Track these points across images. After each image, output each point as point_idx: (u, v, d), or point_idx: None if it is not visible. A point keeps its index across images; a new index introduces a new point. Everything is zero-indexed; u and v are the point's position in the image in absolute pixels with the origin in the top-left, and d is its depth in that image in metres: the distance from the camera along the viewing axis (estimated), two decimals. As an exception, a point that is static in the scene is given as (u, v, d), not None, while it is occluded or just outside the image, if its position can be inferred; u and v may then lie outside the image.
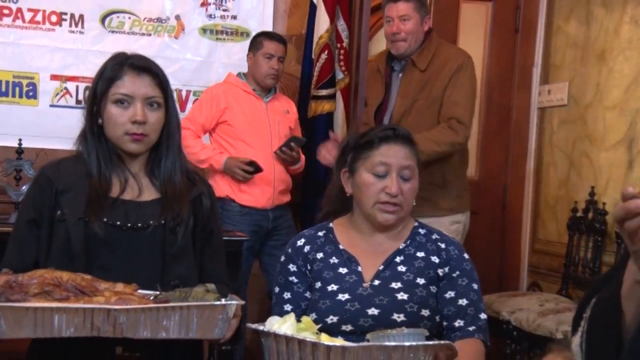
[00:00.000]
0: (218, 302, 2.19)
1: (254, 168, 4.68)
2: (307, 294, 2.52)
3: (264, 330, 2.15)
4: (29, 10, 5.17)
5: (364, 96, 4.34)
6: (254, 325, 2.21)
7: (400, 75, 4.12)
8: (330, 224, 2.62)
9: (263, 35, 5.07)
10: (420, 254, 2.50)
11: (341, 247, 2.54)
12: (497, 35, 5.89)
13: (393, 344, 2.06)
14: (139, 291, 2.21)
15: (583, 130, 5.21)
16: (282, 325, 2.16)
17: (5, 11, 5.15)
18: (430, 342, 2.11)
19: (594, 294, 1.64)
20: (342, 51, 5.35)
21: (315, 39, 5.36)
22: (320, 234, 2.60)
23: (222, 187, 4.78)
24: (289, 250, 2.61)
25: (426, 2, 4.23)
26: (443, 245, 2.53)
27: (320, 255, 2.54)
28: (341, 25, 5.33)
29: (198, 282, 2.36)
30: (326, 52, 5.26)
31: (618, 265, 1.59)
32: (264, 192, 4.85)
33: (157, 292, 2.24)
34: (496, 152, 5.89)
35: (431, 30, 4.26)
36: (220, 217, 2.68)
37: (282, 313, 2.39)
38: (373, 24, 7.57)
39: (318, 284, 2.49)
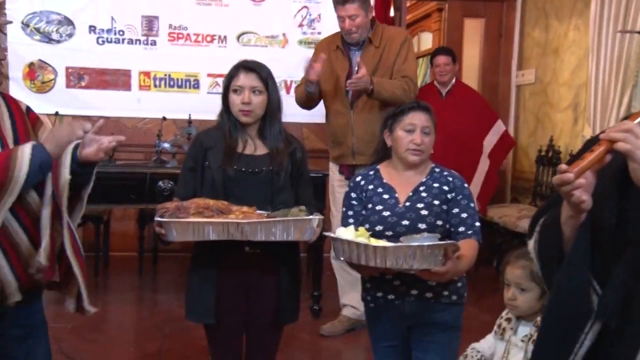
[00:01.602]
0: (307, 217, 2.19)
1: None
2: (363, 212, 2.40)
3: (333, 236, 2.13)
4: (194, 34, 5.15)
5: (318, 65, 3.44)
6: (327, 233, 2.21)
7: (359, 52, 3.48)
8: (378, 166, 2.50)
9: None
10: (435, 185, 2.38)
11: (384, 181, 2.43)
12: (488, 39, 5.67)
13: (416, 243, 2.01)
14: (257, 211, 2.22)
15: (545, 99, 5.12)
16: (345, 233, 2.14)
17: (181, 35, 5.14)
18: (442, 242, 2.07)
19: (542, 214, 1.57)
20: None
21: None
22: (371, 173, 2.47)
23: None
24: (351, 184, 2.49)
25: None
26: (450, 179, 2.39)
27: (371, 187, 2.43)
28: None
29: (295, 204, 2.35)
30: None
31: (559, 195, 1.45)
32: None
33: (268, 212, 2.25)
34: (489, 115, 5.55)
35: (374, 17, 3.64)
36: (307, 163, 2.57)
37: (347, 224, 2.33)
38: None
39: (369, 205, 2.39)
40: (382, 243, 2.04)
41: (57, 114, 4.25)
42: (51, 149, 1.88)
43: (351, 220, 2.35)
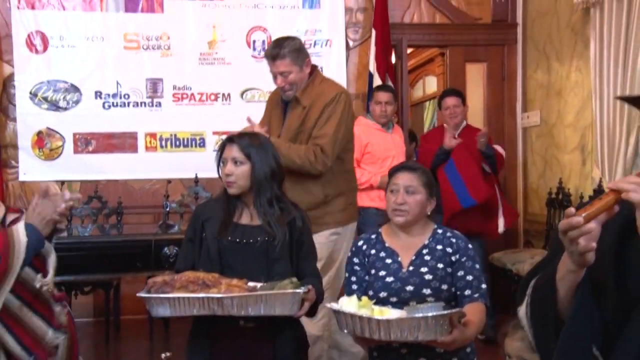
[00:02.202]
0: (288, 291, 2.14)
1: None
2: (366, 277, 2.35)
3: (335, 309, 2.08)
4: (198, 93, 5.19)
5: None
6: (328, 305, 2.15)
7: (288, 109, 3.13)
8: (380, 229, 2.46)
9: (376, 88, 4.69)
10: (439, 247, 2.32)
11: (387, 244, 2.38)
12: (491, 82, 5.64)
13: (420, 315, 1.97)
14: (250, 283, 2.18)
15: (551, 141, 5.08)
16: (348, 303, 2.08)
17: (185, 95, 5.17)
18: (446, 311, 2.02)
19: (533, 276, 1.50)
20: (391, 101, 5.10)
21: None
22: (373, 236, 2.43)
23: (364, 199, 4.16)
24: (353, 248, 2.44)
25: (302, 47, 3.13)
26: (454, 240, 2.34)
27: (373, 251, 2.39)
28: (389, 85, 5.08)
29: (294, 275, 2.29)
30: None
31: (550, 256, 1.45)
32: None
33: (261, 284, 2.20)
34: (496, 157, 5.46)
35: (315, 67, 3.18)
36: (311, 232, 2.49)
37: (350, 291, 2.31)
38: (411, 81, 7.38)
39: (372, 271, 2.34)
40: (387, 314, 2.01)
41: (63, 183, 4.27)
42: (40, 227, 1.92)
43: (355, 287, 2.33)
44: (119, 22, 5.11)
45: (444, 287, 2.24)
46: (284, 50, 3.02)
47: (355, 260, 2.39)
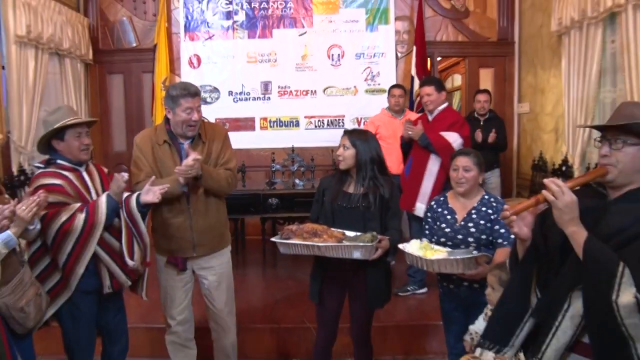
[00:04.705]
0: (362, 243, 2.24)
1: None
2: (434, 226, 2.47)
3: (401, 247, 2.28)
4: (295, 90, 5.85)
5: (145, 165, 2.80)
6: (400, 245, 2.30)
7: (187, 145, 2.80)
8: (447, 194, 2.55)
9: (391, 86, 4.72)
10: (483, 209, 2.41)
11: (449, 205, 2.48)
12: (496, 82, 5.86)
13: (452, 257, 2.14)
14: (347, 233, 2.31)
15: (536, 124, 5.40)
16: (413, 245, 2.28)
17: (286, 92, 5.86)
18: (471, 255, 2.16)
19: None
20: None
21: (414, 92, 5.55)
22: (442, 199, 2.53)
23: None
24: (430, 205, 2.56)
25: None
26: (495, 204, 2.41)
27: (440, 209, 2.49)
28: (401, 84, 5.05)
29: (383, 230, 2.39)
30: (418, 98, 5.00)
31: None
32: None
33: (357, 234, 2.29)
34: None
35: None
36: (397, 200, 2.49)
37: (424, 235, 2.48)
38: (444, 77, 7.49)
39: (437, 223, 2.45)
40: (435, 254, 2.27)
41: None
42: (114, 196, 2.40)
43: (427, 232, 2.60)
44: (244, 45, 5.94)
45: (483, 237, 2.45)
46: (199, 92, 2.88)
47: (429, 214, 2.62)
